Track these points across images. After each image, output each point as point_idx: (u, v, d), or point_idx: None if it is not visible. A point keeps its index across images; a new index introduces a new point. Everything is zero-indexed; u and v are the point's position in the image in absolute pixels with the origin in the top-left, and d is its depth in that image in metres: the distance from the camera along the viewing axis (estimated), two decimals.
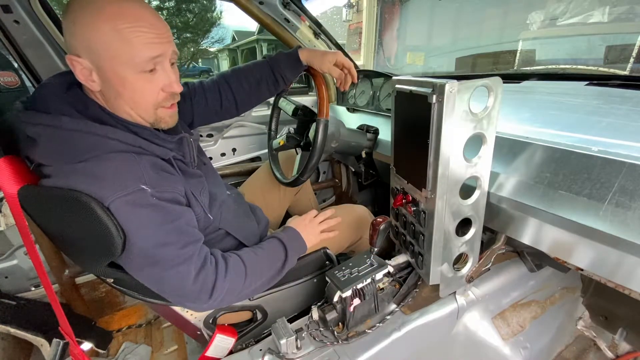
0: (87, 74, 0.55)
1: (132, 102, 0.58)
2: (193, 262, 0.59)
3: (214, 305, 0.65)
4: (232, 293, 0.65)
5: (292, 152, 1.24)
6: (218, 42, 16.80)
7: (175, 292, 0.60)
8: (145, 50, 0.54)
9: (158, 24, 0.56)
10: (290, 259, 0.77)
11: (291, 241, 0.79)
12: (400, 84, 0.70)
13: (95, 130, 0.54)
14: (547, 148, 0.62)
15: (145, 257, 0.56)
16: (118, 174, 0.53)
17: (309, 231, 0.84)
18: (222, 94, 0.93)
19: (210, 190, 0.75)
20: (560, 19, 4.17)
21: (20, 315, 1.06)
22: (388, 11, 7.13)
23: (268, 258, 0.74)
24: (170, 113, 0.65)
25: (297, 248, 0.80)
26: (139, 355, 1.19)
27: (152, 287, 0.61)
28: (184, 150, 0.70)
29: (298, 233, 0.82)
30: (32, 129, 0.53)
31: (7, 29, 1.04)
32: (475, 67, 5.18)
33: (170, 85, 0.60)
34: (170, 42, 0.58)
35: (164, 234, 0.56)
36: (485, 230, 0.76)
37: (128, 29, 0.52)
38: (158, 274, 0.58)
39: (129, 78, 0.56)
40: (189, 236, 0.61)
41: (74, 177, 0.52)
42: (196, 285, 0.60)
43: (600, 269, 0.56)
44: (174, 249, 0.57)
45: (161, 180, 0.58)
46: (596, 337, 1.05)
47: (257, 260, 0.71)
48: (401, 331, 0.75)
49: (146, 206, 0.54)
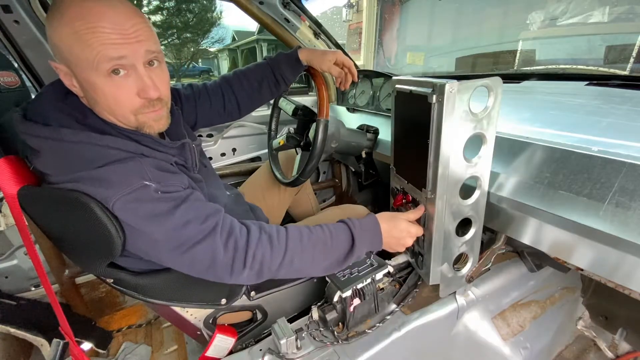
0: (69, 81, 0.54)
1: (108, 109, 0.55)
2: (218, 232, 0.57)
3: (252, 277, 0.59)
4: (269, 264, 0.59)
5: (292, 152, 1.24)
6: (218, 42, 16.81)
7: (210, 266, 0.57)
8: (105, 51, 0.50)
9: (123, 23, 0.51)
10: (357, 250, 0.65)
11: (364, 231, 0.67)
12: (400, 84, 0.70)
13: (97, 141, 0.53)
14: (547, 148, 0.62)
15: (169, 243, 0.54)
16: (122, 175, 0.53)
17: (396, 234, 0.70)
18: (225, 96, 0.94)
19: (211, 193, 0.75)
20: (560, 19, 4.17)
21: (20, 315, 1.06)
22: (388, 11, 7.13)
23: (325, 241, 0.64)
24: (153, 117, 0.59)
25: (370, 241, 0.68)
26: (139, 355, 1.19)
27: (190, 272, 0.58)
28: (185, 155, 0.69)
29: (378, 227, 0.69)
30: (33, 141, 0.53)
31: (7, 29, 1.04)
32: (475, 67, 5.19)
33: (142, 89, 0.55)
34: (141, 41, 0.53)
35: (180, 215, 0.54)
36: (485, 230, 0.76)
37: (85, 30, 0.49)
38: (189, 255, 0.55)
39: (97, 83, 0.52)
40: (206, 209, 0.58)
41: (78, 184, 0.51)
42: (227, 254, 0.56)
43: (600, 269, 0.56)
44: (195, 226, 0.55)
45: (165, 176, 0.57)
46: (596, 337, 1.05)
47: (307, 239, 0.62)
48: (401, 331, 0.75)
49: (151, 200, 0.53)
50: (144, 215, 0.53)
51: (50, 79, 1.25)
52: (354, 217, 0.69)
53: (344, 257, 0.65)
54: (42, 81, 1.16)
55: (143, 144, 0.60)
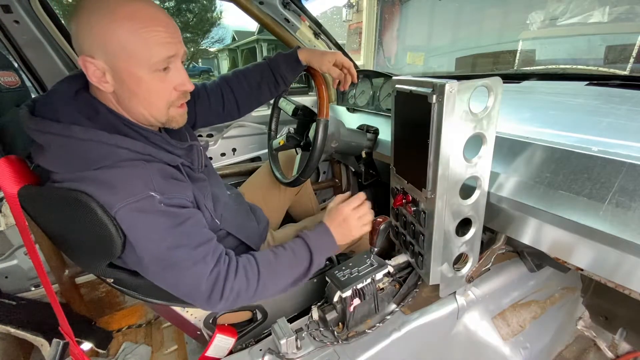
0: (100, 75, 0.55)
1: (146, 102, 0.59)
2: (207, 261, 0.59)
3: (227, 306, 0.62)
4: (245, 294, 0.62)
5: (292, 152, 1.24)
6: (218, 42, 16.82)
7: (190, 292, 0.59)
8: (161, 50, 0.55)
9: (171, 25, 0.57)
10: (317, 260, 0.70)
11: (318, 240, 0.71)
12: (400, 84, 0.70)
13: (106, 140, 0.54)
14: (547, 148, 0.62)
15: (159, 261, 0.56)
16: (127, 181, 0.53)
17: (346, 226, 0.74)
18: (225, 96, 0.94)
19: (213, 192, 0.75)
20: (561, 19, 4.17)
21: (20, 315, 1.06)
22: (388, 11, 7.13)
23: (289, 259, 0.68)
24: (181, 112, 0.65)
25: (326, 248, 0.72)
26: (139, 355, 1.19)
27: (170, 290, 0.60)
28: (192, 157, 0.70)
29: (328, 231, 0.73)
30: (42, 137, 0.53)
31: (7, 29, 1.04)
32: (475, 67, 5.19)
33: (183, 83, 0.61)
34: (181, 42, 0.59)
35: (176, 236, 0.56)
36: (485, 230, 0.76)
37: (144, 30, 0.53)
38: (174, 276, 0.57)
39: (145, 78, 0.56)
40: (200, 236, 0.60)
41: (83, 184, 0.52)
42: (209, 284, 0.58)
43: (600, 269, 0.56)
44: (187, 250, 0.57)
45: (170, 187, 0.58)
46: (596, 337, 1.05)
47: (275, 261, 0.67)
48: (401, 331, 0.75)
49: (154, 212, 0.54)
50: (144, 228, 0.54)
51: (51, 79, 1.26)
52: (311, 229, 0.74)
53: (307, 269, 0.69)
54: (42, 81, 1.16)
55: (152, 141, 0.61)
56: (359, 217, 0.76)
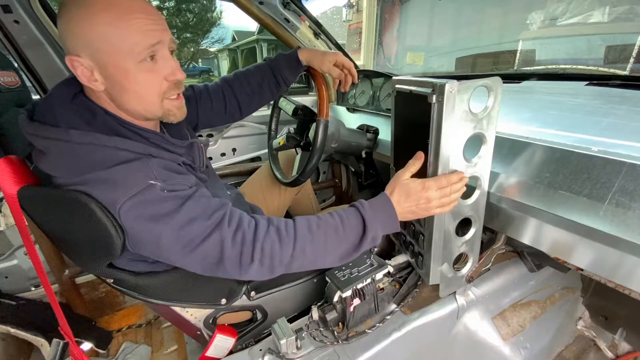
0: (89, 74, 0.54)
1: (137, 96, 0.58)
2: (225, 225, 0.56)
3: (263, 272, 0.58)
4: (279, 257, 0.58)
5: (292, 152, 1.24)
6: (218, 42, 16.83)
7: (220, 262, 0.57)
8: (143, 37, 0.54)
9: (152, 11, 0.56)
10: (370, 233, 0.61)
11: (375, 212, 0.62)
12: (400, 84, 0.70)
13: (105, 143, 0.54)
14: (547, 148, 0.62)
15: (177, 242, 0.54)
16: (128, 176, 0.53)
17: (414, 205, 0.63)
18: (226, 97, 0.94)
19: (213, 193, 0.75)
20: (561, 19, 4.17)
21: (20, 315, 1.06)
22: (388, 11, 7.13)
23: (335, 227, 0.61)
24: (177, 104, 0.63)
25: (384, 223, 0.63)
26: (139, 355, 1.19)
27: (201, 270, 0.58)
28: (193, 155, 0.70)
29: (391, 205, 0.63)
30: (41, 142, 0.53)
31: (7, 29, 1.04)
32: (475, 67, 5.19)
33: (172, 73, 0.59)
34: (166, 29, 0.58)
35: (185, 212, 0.54)
36: (485, 230, 0.76)
37: (122, 19, 0.52)
38: (199, 252, 0.55)
39: (132, 70, 0.55)
40: (211, 205, 0.58)
41: (84, 186, 0.51)
42: (235, 248, 0.56)
43: (600, 269, 0.56)
44: (201, 221, 0.55)
45: (172, 175, 0.57)
46: (596, 337, 1.05)
47: (317, 227, 0.60)
48: (401, 331, 0.75)
49: (157, 200, 0.53)
50: (151, 217, 0.53)
51: (51, 79, 1.26)
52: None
53: (359, 242, 0.62)
54: (42, 81, 1.16)
55: (152, 141, 0.60)
56: (441, 201, 0.62)
